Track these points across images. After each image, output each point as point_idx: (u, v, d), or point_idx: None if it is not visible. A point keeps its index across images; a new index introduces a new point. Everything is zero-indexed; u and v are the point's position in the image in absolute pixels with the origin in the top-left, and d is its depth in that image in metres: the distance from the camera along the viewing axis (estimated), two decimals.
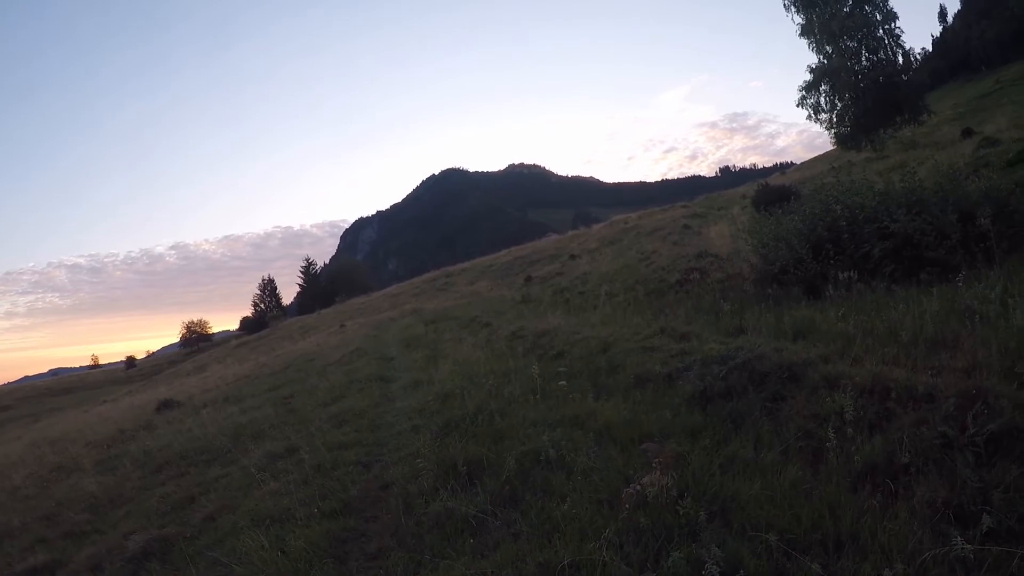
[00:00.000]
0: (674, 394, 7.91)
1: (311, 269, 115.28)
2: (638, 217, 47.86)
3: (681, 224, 35.47)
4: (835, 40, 46.90)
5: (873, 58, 47.51)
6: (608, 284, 22.06)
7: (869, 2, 47.30)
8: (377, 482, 7.42)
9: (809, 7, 48.19)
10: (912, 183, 13.26)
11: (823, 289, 11.49)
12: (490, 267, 50.68)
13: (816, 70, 48.31)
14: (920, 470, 4.83)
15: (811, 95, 49.05)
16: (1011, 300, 7.51)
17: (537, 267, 39.80)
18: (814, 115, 49.30)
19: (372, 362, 17.74)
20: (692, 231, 31.95)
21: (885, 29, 47.63)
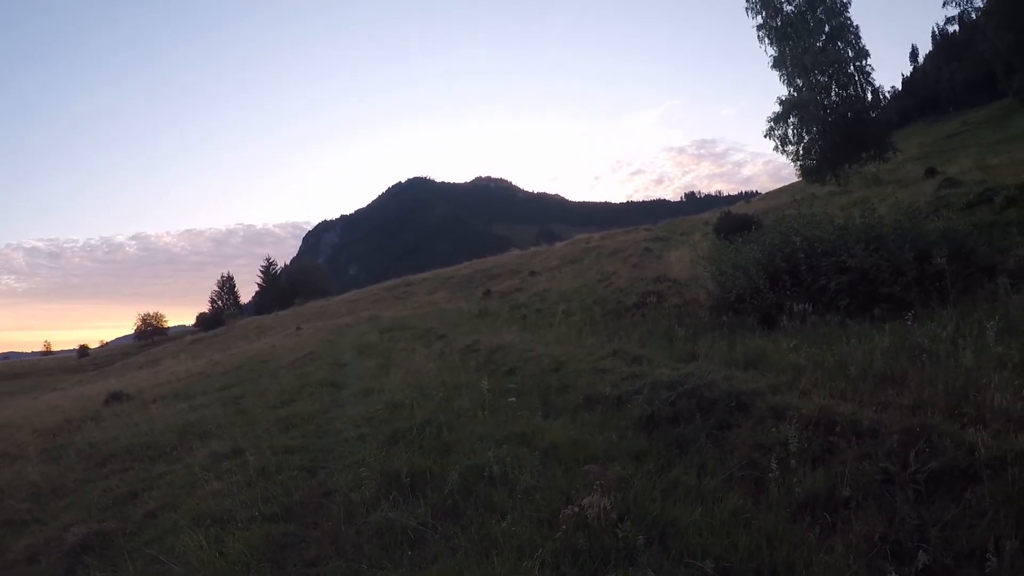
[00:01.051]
0: (622, 417, 7.96)
1: (271, 269, 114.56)
2: (600, 238, 48.11)
3: (643, 247, 35.66)
4: (806, 74, 47.62)
5: (843, 93, 48.33)
6: (566, 303, 22.10)
7: (842, 38, 48.15)
8: (320, 488, 7.40)
9: (783, 40, 48.94)
10: (872, 219, 13.48)
11: (778, 320, 11.63)
12: (450, 278, 50.67)
13: (786, 102, 48.99)
14: (860, 504, 4.89)
15: (779, 126, 49.72)
16: (961, 340, 7.65)
17: (497, 281, 39.82)
18: (781, 146, 49.98)
19: (325, 367, 17.70)
20: (653, 254, 32.12)
21: (856, 66, 48.49)
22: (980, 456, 4.84)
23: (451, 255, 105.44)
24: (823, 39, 48.23)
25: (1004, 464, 4.68)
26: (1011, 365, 6.67)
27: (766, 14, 49.78)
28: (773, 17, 49.50)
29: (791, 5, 49.18)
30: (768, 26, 49.76)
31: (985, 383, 6.09)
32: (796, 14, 48.75)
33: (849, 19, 48.76)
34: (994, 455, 4.80)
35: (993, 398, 5.73)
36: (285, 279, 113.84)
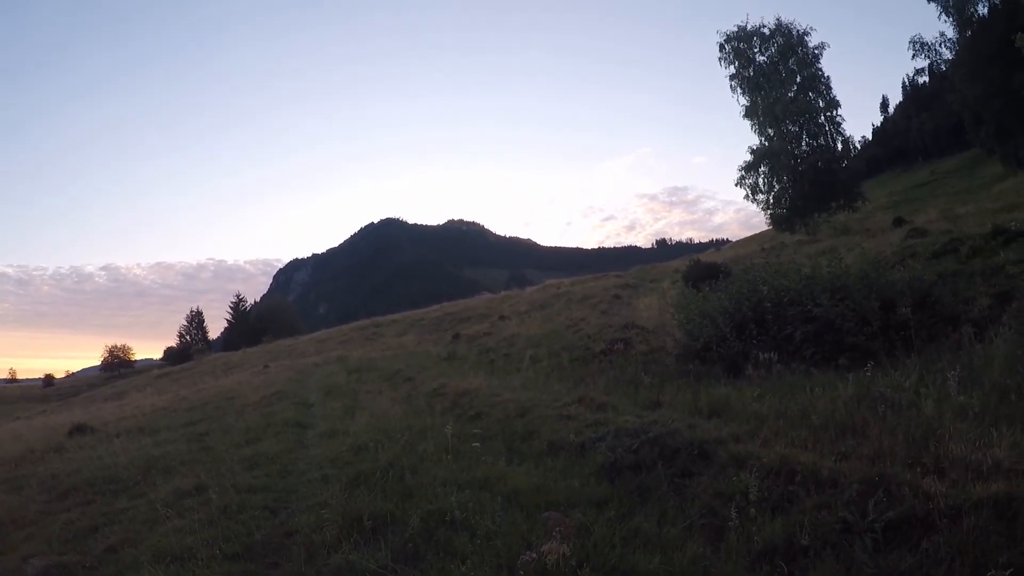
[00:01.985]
0: (585, 464, 8.00)
1: (241, 306, 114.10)
2: (571, 283, 48.21)
3: (612, 293, 35.83)
4: (778, 123, 48.29)
5: (813, 143, 49.02)
6: (534, 348, 22.10)
7: (813, 89, 48.94)
8: (282, 528, 7.37)
9: (755, 90, 49.66)
10: (838, 269, 13.71)
11: (744, 368, 11.73)
12: (420, 321, 50.49)
13: (757, 151, 49.63)
14: (818, 553, 4.94)
15: (750, 175, 50.32)
16: (924, 390, 7.76)
17: (466, 325, 39.77)
18: (752, 195, 50.53)
19: (291, 407, 17.53)
20: (622, 301, 32.29)
21: (827, 116, 49.26)
22: (938, 505, 4.90)
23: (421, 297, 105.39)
24: (795, 89, 49.02)
25: (961, 513, 4.75)
26: (972, 415, 6.78)
27: (739, 64, 50.62)
28: (746, 67, 50.34)
29: (764, 56, 50.07)
30: (741, 76, 50.56)
31: (945, 433, 6.17)
32: (768, 64, 49.61)
33: (821, 70, 49.67)
34: (951, 504, 4.87)
35: (952, 448, 5.81)
36: (254, 316, 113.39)
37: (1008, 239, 15.88)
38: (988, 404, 7.09)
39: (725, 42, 50.93)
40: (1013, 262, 13.70)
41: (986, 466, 5.36)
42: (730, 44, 50.75)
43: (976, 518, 4.64)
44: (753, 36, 50.05)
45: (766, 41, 49.83)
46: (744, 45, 50.18)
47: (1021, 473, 5.13)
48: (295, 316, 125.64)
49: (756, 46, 50.12)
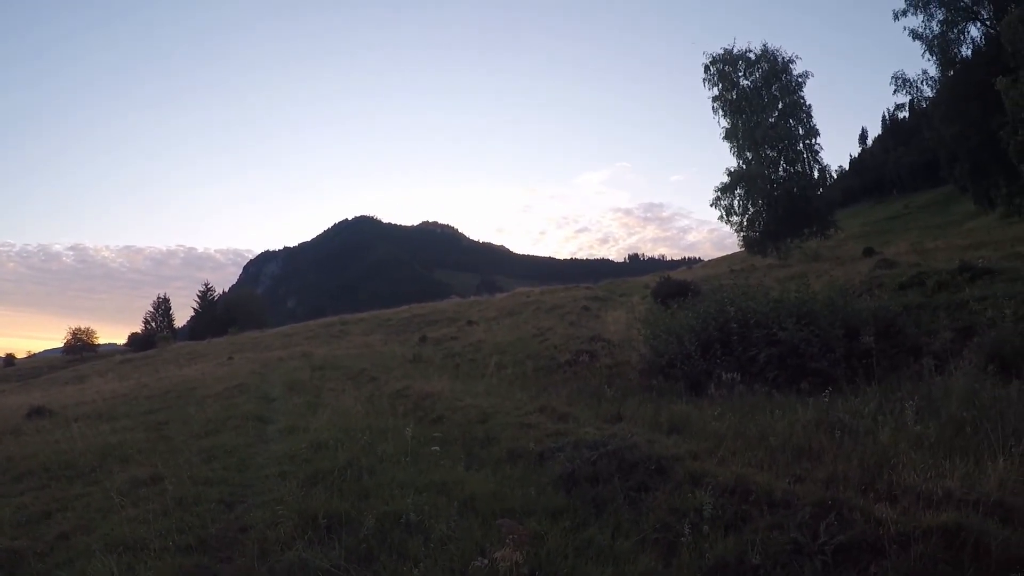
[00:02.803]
0: (543, 473, 8.00)
1: (209, 295, 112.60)
2: (540, 292, 48.27)
3: (581, 305, 35.86)
4: (756, 147, 48.85)
5: (790, 169, 49.63)
6: (500, 355, 22.13)
7: (794, 116, 49.56)
8: (237, 523, 7.32)
9: (736, 113, 50.23)
10: (805, 295, 13.88)
11: (706, 387, 11.80)
12: (388, 321, 50.20)
13: (734, 173, 50.17)
14: (768, 573, 4.99)
15: (726, 197, 50.86)
16: (882, 417, 7.88)
17: (434, 328, 39.63)
18: (726, 216, 51.09)
19: (253, 400, 17.42)
20: (591, 313, 32.35)
21: (806, 143, 49.93)
22: (888, 532, 4.97)
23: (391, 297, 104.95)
24: (776, 115, 49.62)
25: (910, 540, 4.81)
26: (927, 445, 6.89)
27: (722, 86, 51.19)
28: (729, 90, 50.89)
29: (748, 80, 50.68)
30: (724, 98, 51.15)
31: (899, 461, 6.26)
32: (752, 89, 50.19)
33: (803, 98, 50.36)
34: (901, 531, 4.94)
35: (905, 476, 5.90)
36: (222, 306, 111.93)
37: (974, 276, 16.12)
38: (944, 435, 7.22)
39: (711, 64, 51.57)
40: (977, 298, 13.91)
41: (937, 496, 5.43)
42: (715, 66, 51.38)
43: (925, 546, 4.72)
44: (739, 60, 50.74)
45: (751, 66, 50.52)
46: (729, 68, 50.83)
47: (971, 504, 5.22)
48: (263, 309, 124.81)
49: (741, 70, 50.82)
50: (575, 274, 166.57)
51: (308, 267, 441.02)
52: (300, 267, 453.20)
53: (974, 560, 4.57)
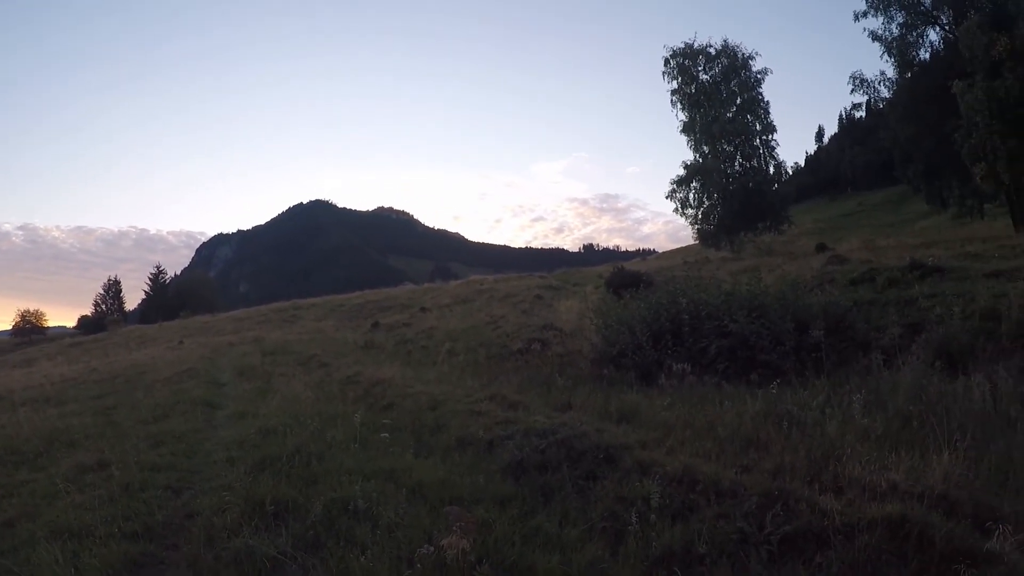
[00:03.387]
0: (492, 460, 8.03)
1: (160, 278, 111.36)
2: (494, 280, 48.31)
3: (535, 294, 35.90)
4: (713, 141, 49.36)
5: (746, 164, 50.26)
6: (452, 342, 22.14)
7: (752, 111, 50.13)
8: (184, 509, 7.30)
9: (695, 107, 50.73)
10: (757, 288, 14.03)
11: (657, 377, 11.83)
12: (341, 306, 50.07)
13: (690, 167, 50.63)
14: (715, 562, 5.03)
15: (682, 189, 51.34)
16: (830, 410, 7.95)
17: (387, 314, 39.56)
18: (681, 209, 51.59)
19: (203, 385, 17.39)
20: (544, 302, 32.37)
21: (763, 139, 50.59)
22: (833, 522, 5.02)
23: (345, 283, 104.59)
24: (734, 110, 50.20)
25: (855, 531, 4.87)
26: (873, 438, 6.97)
27: (682, 80, 51.60)
28: (688, 84, 51.35)
29: (707, 74, 51.18)
30: (682, 92, 51.59)
31: (846, 453, 6.31)
32: (711, 83, 50.70)
33: (761, 94, 50.97)
34: (846, 522, 4.99)
35: (851, 468, 5.94)
36: (173, 290, 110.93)
37: (924, 274, 16.33)
38: (890, 429, 7.30)
39: (671, 57, 51.97)
40: (926, 296, 14.10)
41: (883, 488, 5.49)
42: (675, 60, 51.78)
43: (870, 537, 4.77)
44: (699, 54, 51.26)
45: (711, 61, 51.06)
46: (689, 62, 51.26)
47: (916, 496, 5.27)
48: (215, 292, 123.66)
49: (701, 64, 51.31)
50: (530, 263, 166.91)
51: (261, 251, 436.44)
52: (253, 251, 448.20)
53: (918, 551, 4.63)
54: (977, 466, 5.98)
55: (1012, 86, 29.52)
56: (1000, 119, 30.04)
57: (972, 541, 4.63)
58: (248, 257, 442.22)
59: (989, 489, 5.56)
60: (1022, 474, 5.78)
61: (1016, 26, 29.95)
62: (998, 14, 31.42)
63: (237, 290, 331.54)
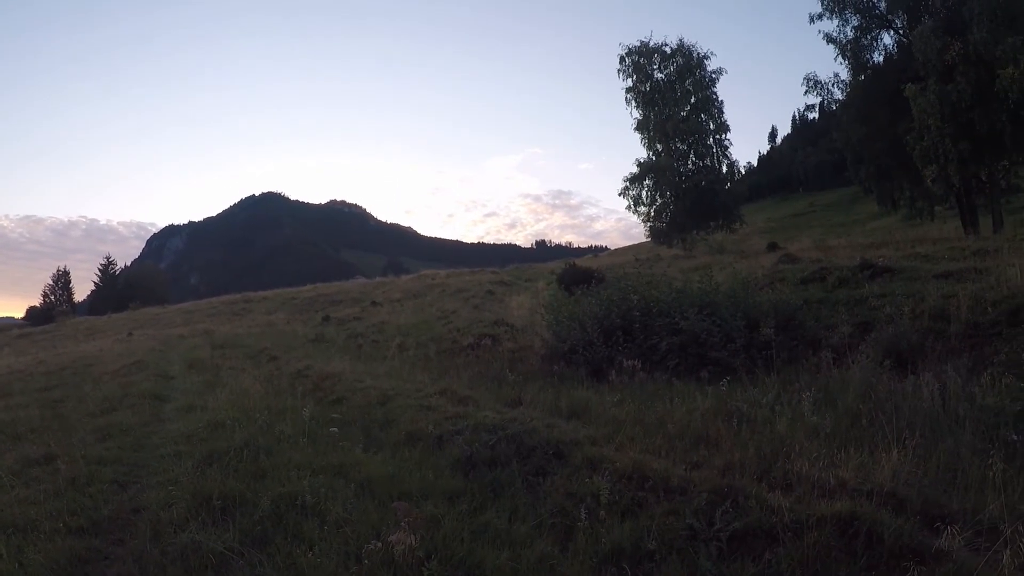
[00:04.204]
0: (442, 456, 7.99)
1: (110, 269, 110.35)
2: (446, 275, 48.40)
3: (486, 289, 36.02)
4: (667, 139, 49.88)
5: (700, 163, 50.84)
6: (403, 337, 22.17)
7: (706, 111, 50.77)
8: (131, 504, 7.17)
9: (649, 105, 51.16)
10: (708, 286, 14.14)
11: (608, 373, 11.90)
12: (292, 300, 49.82)
13: (643, 164, 51.07)
14: (664, 558, 5.01)
15: (635, 187, 51.78)
16: (779, 408, 8.03)
17: (338, 308, 39.47)
18: (634, 206, 52.07)
19: (151, 378, 17.22)
20: (495, 298, 32.45)
21: (716, 138, 51.22)
22: (782, 519, 5.03)
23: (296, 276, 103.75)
24: (688, 109, 50.82)
25: (804, 528, 4.88)
26: (823, 435, 7.04)
27: (637, 78, 52.04)
28: (643, 82, 51.80)
29: (662, 73, 51.70)
30: (637, 90, 52.06)
31: (795, 450, 6.36)
32: (665, 82, 51.23)
33: (715, 93, 51.66)
34: (796, 519, 5.00)
35: (801, 465, 5.99)
36: (123, 281, 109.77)
37: (874, 273, 16.53)
38: (840, 426, 7.39)
39: (626, 55, 52.41)
40: (876, 295, 14.24)
41: (832, 485, 5.52)
42: (630, 58, 52.23)
43: (819, 534, 4.78)
44: (654, 53, 51.74)
45: (666, 59, 51.58)
46: (644, 60, 51.71)
47: (865, 494, 5.31)
48: (165, 284, 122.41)
49: (656, 63, 51.80)
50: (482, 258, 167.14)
51: (213, 243, 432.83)
52: (204, 243, 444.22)
53: (867, 548, 4.65)
54: (926, 464, 6.05)
55: (964, 90, 30.17)
56: (952, 123, 30.66)
57: (921, 538, 4.66)
58: (199, 249, 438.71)
59: (938, 487, 5.62)
60: (970, 472, 5.85)
61: (969, 31, 30.52)
62: (952, 19, 31.94)
63: (188, 282, 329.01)
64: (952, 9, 32.10)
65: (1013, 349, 9.86)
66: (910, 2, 35.34)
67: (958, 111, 30.62)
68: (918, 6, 35.08)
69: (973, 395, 7.77)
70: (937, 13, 32.82)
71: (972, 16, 30.64)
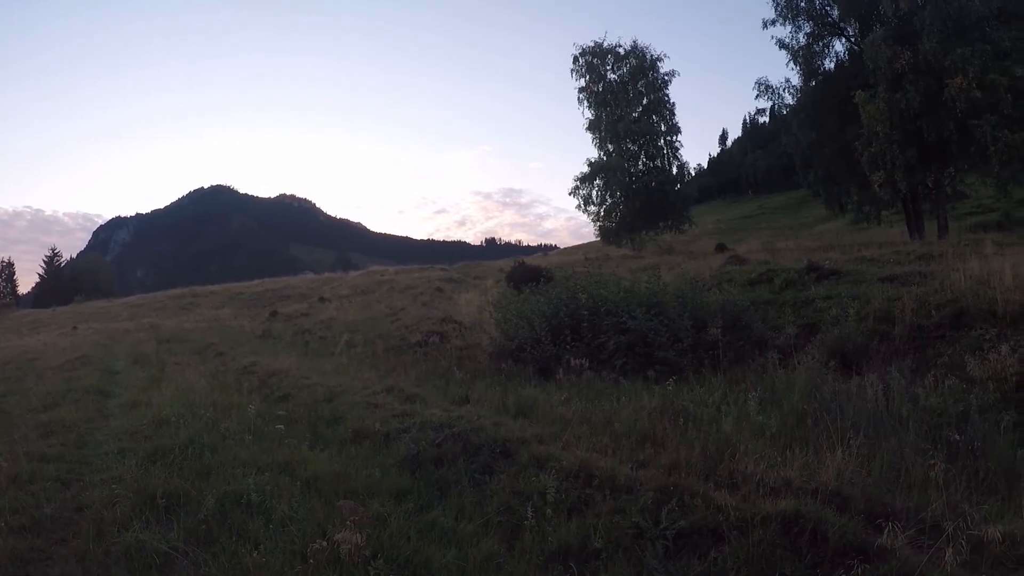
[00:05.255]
0: (388, 454, 7.97)
1: (56, 261, 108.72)
2: (395, 272, 48.18)
3: (435, 286, 35.95)
4: (618, 140, 50.15)
5: (650, 164, 51.20)
6: (350, 333, 22.12)
7: (657, 112, 51.21)
8: (73, 503, 7.06)
9: (601, 105, 51.47)
10: (656, 286, 14.25)
11: (555, 372, 11.95)
12: (240, 295, 49.38)
13: (594, 164, 51.34)
14: (611, 557, 5.03)
15: (585, 186, 52.04)
16: (725, 407, 8.12)
17: (286, 303, 39.21)
18: (584, 205, 52.31)
19: (96, 373, 17.03)
20: (444, 295, 32.42)
21: (667, 140, 51.68)
22: (728, 518, 5.07)
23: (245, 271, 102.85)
24: (640, 110, 51.19)
25: (749, 527, 4.92)
26: (768, 435, 7.14)
27: (590, 78, 52.31)
28: (596, 82, 52.06)
29: (615, 74, 52.06)
30: (590, 90, 52.32)
31: (741, 450, 6.43)
32: (618, 83, 51.59)
33: (667, 96, 52.16)
34: (741, 517, 5.04)
35: (746, 464, 6.05)
36: (68, 274, 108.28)
37: (820, 276, 16.75)
38: (785, 426, 7.49)
39: (580, 55, 52.70)
40: (822, 297, 14.45)
41: (777, 484, 5.60)
42: (584, 58, 52.53)
43: (764, 532, 4.82)
44: (608, 54, 52.13)
45: (619, 60, 51.98)
46: (597, 61, 52.03)
47: (810, 492, 5.37)
48: (111, 278, 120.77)
49: (609, 64, 52.19)
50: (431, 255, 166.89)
51: (160, 235, 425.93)
52: (152, 235, 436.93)
53: (812, 546, 4.69)
54: (870, 463, 6.15)
55: (912, 98, 30.71)
56: (900, 130, 31.21)
57: (865, 536, 4.71)
58: (146, 242, 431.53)
59: (881, 485, 5.70)
60: (913, 471, 5.95)
61: (920, 41, 31.12)
62: (903, 29, 32.46)
63: (134, 275, 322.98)
64: (903, 19, 32.62)
65: (956, 351, 10.06)
66: (862, 11, 35.78)
67: (906, 119, 31.20)
68: (870, 15, 35.53)
69: (916, 396, 7.92)
70: (888, 22, 33.32)
71: (923, 26, 31.24)
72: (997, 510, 5.31)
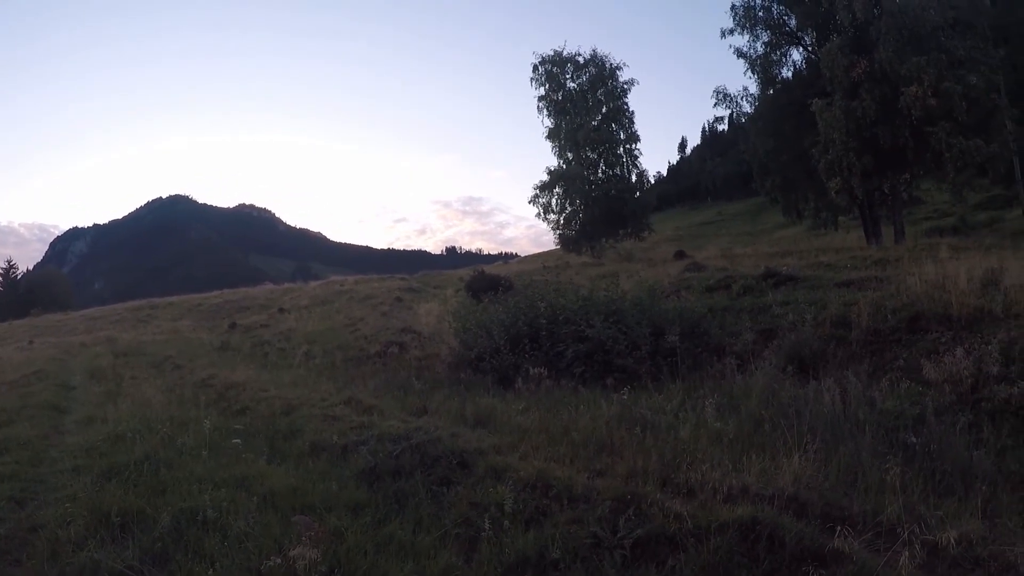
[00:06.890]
0: (346, 467, 7.91)
1: (11, 273, 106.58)
2: (354, 282, 48.00)
3: (395, 296, 35.82)
4: (578, 148, 50.45)
5: (610, 172, 51.51)
6: (309, 344, 22.08)
7: (617, 121, 51.56)
8: (28, 522, 6.93)
9: (561, 114, 51.76)
10: (615, 293, 14.30)
11: (514, 381, 11.92)
12: (198, 306, 49.06)
13: (554, 172, 51.58)
14: (569, 567, 5.02)
15: (545, 195, 52.21)
16: (683, 414, 8.15)
17: (245, 315, 39.01)
18: (544, 214, 52.46)
19: (51, 388, 16.87)
20: (404, 304, 32.31)
21: (626, 148, 52.00)
22: (685, 525, 5.08)
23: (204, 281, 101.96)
24: (599, 119, 51.48)
25: (706, 534, 4.94)
26: (726, 441, 7.17)
27: (549, 87, 52.60)
28: (555, 91, 52.37)
29: (574, 82, 52.35)
30: (549, 98, 52.60)
31: (698, 456, 6.45)
32: (578, 92, 51.91)
33: (627, 104, 52.49)
34: (698, 525, 5.06)
35: (704, 471, 6.06)
36: (24, 286, 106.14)
37: (778, 282, 16.89)
38: (742, 432, 7.52)
39: (539, 64, 52.98)
40: (779, 303, 14.53)
41: (735, 490, 5.62)
42: (544, 67, 52.78)
43: (722, 539, 4.84)
44: (567, 62, 52.41)
45: (579, 69, 52.28)
46: (557, 69, 52.31)
47: (767, 498, 5.40)
48: (68, 290, 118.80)
49: (569, 72, 52.45)
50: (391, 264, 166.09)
51: (118, 247, 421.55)
52: (110, 246, 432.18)
53: (769, 552, 4.72)
54: (827, 468, 6.20)
55: (868, 106, 31.08)
56: (856, 137, 31.57)
57: (822, 541, 4.73)
58: (104, 253, 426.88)
59: (838, 490, 5.75)
60: (870, 475, 5.99)
61: (876, 50, 31.55)
62: (859, 38, 32.88)
63: (92, 287, 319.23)
64: (860, 28, 33.00)
65: (912, 355, 10.15)
66: (819, 20, 36.18)
67: (863, 126, 31.57)
68: (827, 24, 35.94)
69: (873, 400, 7.98)
70: (845, 32, 33.70)
71: (879, 36, 31.66)
72: (954, 511, 5.37)
